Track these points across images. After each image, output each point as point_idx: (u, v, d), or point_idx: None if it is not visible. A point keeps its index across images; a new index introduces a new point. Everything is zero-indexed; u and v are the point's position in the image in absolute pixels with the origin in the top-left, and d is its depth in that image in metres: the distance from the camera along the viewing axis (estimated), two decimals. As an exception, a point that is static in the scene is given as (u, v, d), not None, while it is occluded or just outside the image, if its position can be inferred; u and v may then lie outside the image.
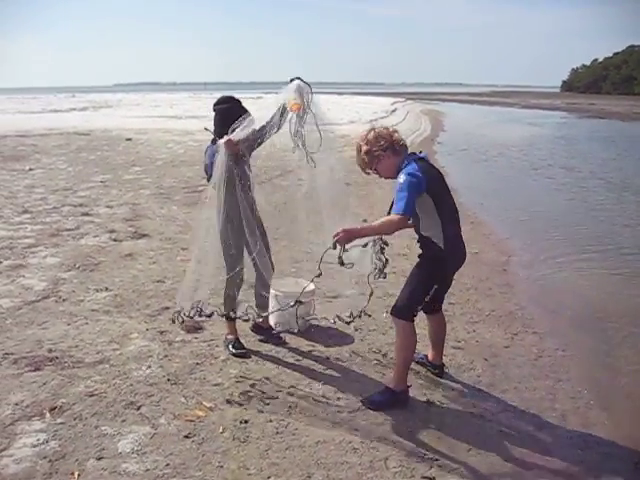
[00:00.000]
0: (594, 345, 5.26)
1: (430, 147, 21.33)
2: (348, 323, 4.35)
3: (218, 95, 4.59)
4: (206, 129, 4.24)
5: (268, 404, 3.74)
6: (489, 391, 4.21)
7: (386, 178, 3.92)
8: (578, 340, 5.30)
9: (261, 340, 4.66)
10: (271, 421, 3.54)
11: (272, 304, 4.74)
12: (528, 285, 6.67)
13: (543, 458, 3.45)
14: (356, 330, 4.95)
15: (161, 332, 4.67)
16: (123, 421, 3.46)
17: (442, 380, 4.22)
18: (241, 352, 4.34)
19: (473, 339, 5.00)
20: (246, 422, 3.51)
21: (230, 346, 4.39)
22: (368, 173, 3.96)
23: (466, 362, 4.56)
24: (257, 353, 4.45)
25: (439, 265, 3.81)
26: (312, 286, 4.71)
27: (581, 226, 9.95)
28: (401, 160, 3.78)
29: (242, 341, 4.48)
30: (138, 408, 3.59)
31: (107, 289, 5.59)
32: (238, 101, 4.21)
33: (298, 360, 4.38)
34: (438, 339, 4.27)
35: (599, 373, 4.83)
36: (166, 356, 4.26)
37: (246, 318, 4.38)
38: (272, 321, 4.85)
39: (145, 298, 5.42)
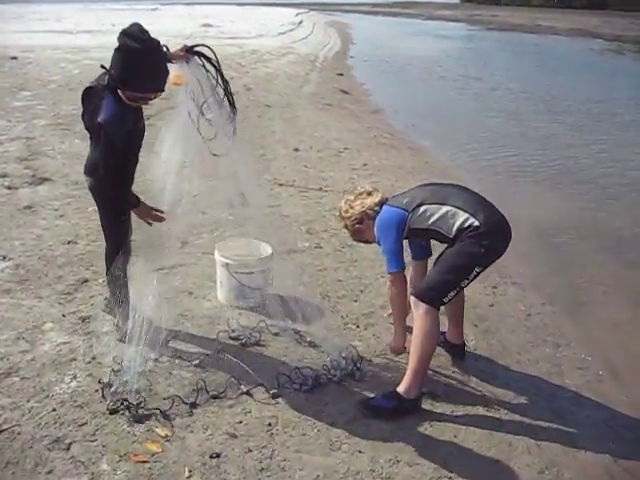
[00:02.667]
0: (576, 292, 4.99)
1: (344, 62, 20.37)
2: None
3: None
4: (103, 67, 3.08)
5: (240, 422, 2.87)
6: (491, 370, 3.54)
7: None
8: (558, 287, 5.01)
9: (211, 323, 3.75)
10: (250, 451, 2.68)
11: (222, 276, 3.82)
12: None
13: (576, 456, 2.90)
14: (323, 298, 4.12)
15: (82, 319, 3.65)
16: (49, 473, 2.50)
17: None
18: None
19: (455, 300, 4.28)
20: (217, 456, 2.63)
21: None
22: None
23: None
24: (205, 342, 3.54)
25: (483, 243, 3.08)
26: (269, 249, 3.82)
27: (515, 150, 9.61)
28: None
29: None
30: (67, 447, 2.62)
31: (5, 258, 4.44)
32: (158, 42, 3.00)
33: (263, 349, 3.52)
34: (458, 312, 3.57)
35: (596, 331, 4.34)
36: (94, 358, 3.28)
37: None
38: (221, 296, 3.93)
39: (55, 267, 4.33)
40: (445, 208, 3.14)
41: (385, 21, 53.35)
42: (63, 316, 3.67)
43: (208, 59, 3.10)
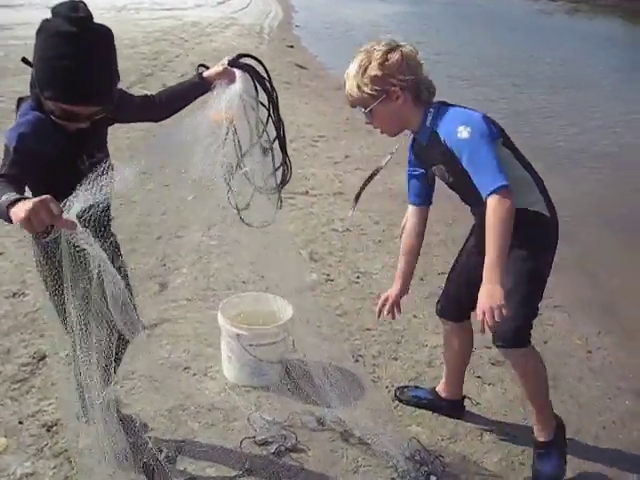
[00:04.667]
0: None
1: (290, 32, 19.24)
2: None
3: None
4: (25, 61, 1.97)
5: None
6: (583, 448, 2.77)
7: (382, 131, 2.51)
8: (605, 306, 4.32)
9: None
10: None
11: (231, 349, 2.90)
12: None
13: None
14: (356, 360, 3.25)
15: (48, 427, 2.63)
16: None
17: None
18: None
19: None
20: None
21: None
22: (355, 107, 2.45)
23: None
24: (224, 454, 2.59)
25: (549, 244, 2.44)
26: (287, 306, 2.92)
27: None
28: (419, 114, 2.39)
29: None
30: None
31: None
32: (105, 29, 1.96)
33: (303, 456, 2.59)
34: (465, 360, 2.89)
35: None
36: None
37: None
38: (230, 374, 2.99)
39: None
40: (523, 172, 2.38)
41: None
42: (20, 423, 2.68)
43: (261, 78, 2.23)
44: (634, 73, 14.72)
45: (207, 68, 2.34)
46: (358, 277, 4.15)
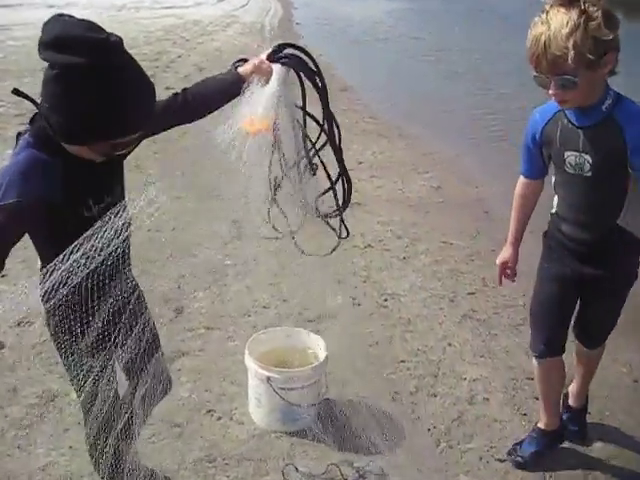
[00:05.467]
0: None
1: (292, 30, 18.93)
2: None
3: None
4: (18, 93, 1.63)
5: None
6: None
7: (567, 102, 2.12)
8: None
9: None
10: None
11: (261, 392, 2.64)
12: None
13: None
14: (393, 399, 2.99)
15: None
16: None
17: None
18: None
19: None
20: None
21: None
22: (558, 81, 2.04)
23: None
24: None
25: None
26: (320, 343, 2.67)
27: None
28: (603, 90, 2.12)
29: None
30: None
31: None
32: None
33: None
34: (563, 387, 2.84)
35: None
36: None
37: None
38: (259, 417, 2.73)
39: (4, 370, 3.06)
40: None
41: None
42: None
43: (312, 72, 1.85)
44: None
45: (246, 61, 1.95)
46: (386, 300, 3.89)
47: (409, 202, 5.69)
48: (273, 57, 1.88)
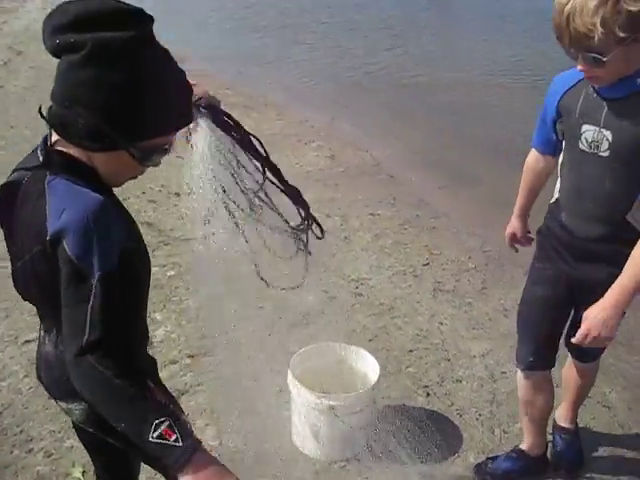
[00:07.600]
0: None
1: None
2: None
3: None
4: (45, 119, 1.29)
5: None
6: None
7: (596, 79, 1.85)
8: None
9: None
10: None
11: (319, 422, 2.40)
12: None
13: None
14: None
15: None
16: None
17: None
18: None
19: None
20: None
21: None
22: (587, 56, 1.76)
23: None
24: None
25: None
26: (369, 358, 2.49)
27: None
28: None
29: None
30: None
31: None
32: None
33: None
34: (552, 409, 2.50)
35: None
36: None
37: None
38: (316, 448, 2.48)
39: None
40: None
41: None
42: None
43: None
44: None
45: None
46: (357, 287, 3.73)
47: (313, 176, 5.50)
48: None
